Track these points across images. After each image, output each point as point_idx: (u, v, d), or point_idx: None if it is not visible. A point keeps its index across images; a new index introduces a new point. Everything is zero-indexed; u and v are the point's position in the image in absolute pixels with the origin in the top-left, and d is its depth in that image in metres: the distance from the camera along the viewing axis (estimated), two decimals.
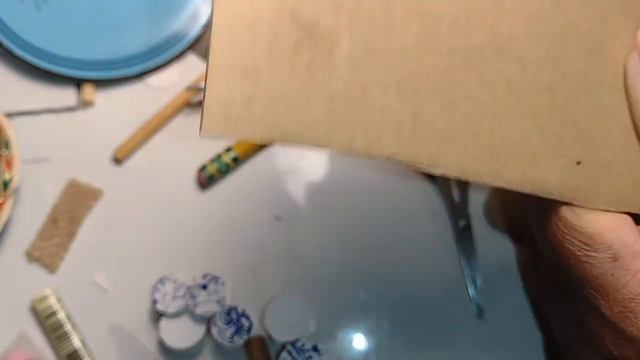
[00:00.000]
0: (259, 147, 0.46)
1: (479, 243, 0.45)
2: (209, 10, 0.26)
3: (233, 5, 0.23)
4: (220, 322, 0.41)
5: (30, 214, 0.45)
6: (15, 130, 0.44)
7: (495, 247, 0.44)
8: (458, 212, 0.45)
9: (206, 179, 0.44)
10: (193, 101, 0.46)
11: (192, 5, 0.47)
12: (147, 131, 0.46)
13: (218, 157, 0.44)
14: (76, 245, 0.45)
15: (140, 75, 0.47)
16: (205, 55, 0.48)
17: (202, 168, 0.44)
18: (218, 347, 0.43)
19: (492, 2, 0.24)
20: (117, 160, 0.46)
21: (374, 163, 0.46)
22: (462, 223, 0.44)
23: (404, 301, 0.44)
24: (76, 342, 0.43)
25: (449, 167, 0.24)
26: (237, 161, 0.45)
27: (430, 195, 0.46)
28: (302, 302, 0.43)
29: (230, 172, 0.46)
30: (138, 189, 0.46)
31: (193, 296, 0.41)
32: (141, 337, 0.43)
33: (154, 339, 0.43)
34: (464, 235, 0.44)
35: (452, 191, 0.45)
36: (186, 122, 0.47)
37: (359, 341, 0.44)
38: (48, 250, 0.44)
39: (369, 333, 0.44)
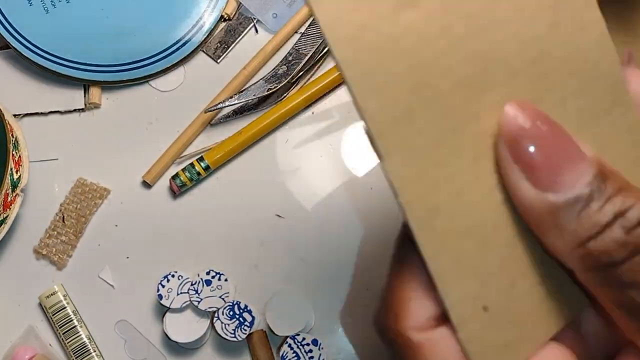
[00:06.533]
0: (231, 157, 0.47)
1: None
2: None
3: None
4: (223, 317, 0.42)
5: (39, 213, 0.46)
6: (23, 131, 0.45)
7: None
8: None
9: (178, 187, 0.45)
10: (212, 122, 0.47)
11: (197, 12, 0.48)
12: (172, 154, 0.47)
13: (190, 166, 0.45)
14: (83, 242, 0.46)
15: (146, 78, 0.48)
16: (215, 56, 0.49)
17: (174, 177, 0.45)
18: (221, 341, 0.44)
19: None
20: (147, 185, 0.46)
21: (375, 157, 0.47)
22: None
23: None
24: (83, 336, 0.44)
25: None
26: (208, 170, 0.46)
27: None
28: (303, 297, 0.43)
29: (202, 180, 0.46)
30: (144, 188, 0.47)
31: (197, 292, 0.42)
32: (146, 332, 0.44)
33: (159, 333, 0.44)
34: None
35: None
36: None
37: (358, 335, 0.44)
38: (56, 247, 0.45)
39: (367, 327, 0.44)
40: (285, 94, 0.48)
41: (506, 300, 0.22)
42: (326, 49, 0.48)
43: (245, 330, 0.42)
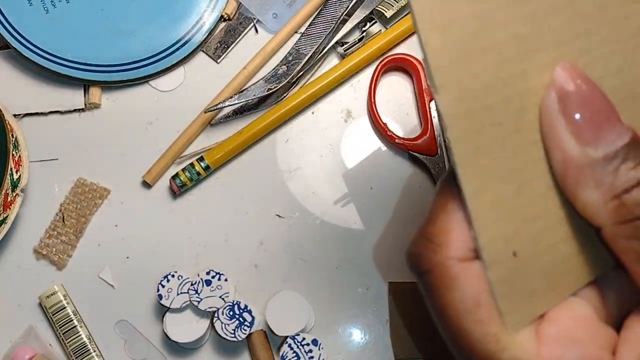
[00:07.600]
0: (231, 157, 0.47)
1: None
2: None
3: None
4: (223, 317, 0.42)
5: (39, 212, 0.46)
6: (23, 131, 0.45)
7: None
8: None
9: (178, 187, 0.45)
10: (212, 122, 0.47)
11: (197, 12, 0.48)
12: (172, 154, 0.46)
13: (190, 166, 0.45)
14: (83, 242, 0.46)
15: (146, 78, 0.48)
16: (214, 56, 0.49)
17: (174, 177, 0.45)
18: (221, 341, 0.44)
19: None
20: (147, 185, 0.46)
21: (375, 160, 0.47)
22: None
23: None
24: (83, 336, 0.44)
25: None
26: (208, 170, 0.46)
27: (430, 195, 0.46)
28: (303, 297, 0.43)
29: (202, 180, 0.46)
30: (144, 188, 0.47)
31: (197, 292, 0.42)
32: (146, 332, 0.44)
33: (159, 333, 0.44)
34: None
35: None
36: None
37: (358, 335, 0.45)
38: (56, 247, 0.45)
39: (367, 327, 0.45)
40: (285, 94, 0.48)
41: (534, 250, 0.23)
42: (326, 49, 0.48)
43: (245, 330, 0.42)
